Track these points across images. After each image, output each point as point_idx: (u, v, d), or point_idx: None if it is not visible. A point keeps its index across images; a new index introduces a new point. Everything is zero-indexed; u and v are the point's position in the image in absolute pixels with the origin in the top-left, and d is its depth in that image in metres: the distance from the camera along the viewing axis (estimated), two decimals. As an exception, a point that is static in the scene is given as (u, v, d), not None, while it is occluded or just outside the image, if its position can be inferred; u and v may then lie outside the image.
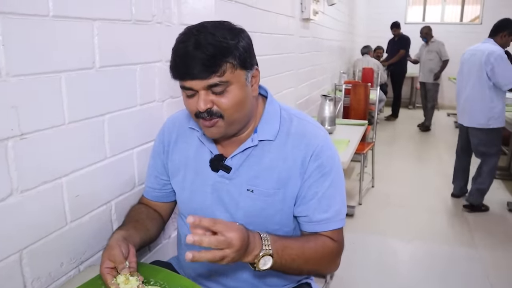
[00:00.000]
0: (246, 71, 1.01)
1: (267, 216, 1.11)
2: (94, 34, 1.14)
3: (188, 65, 0.94)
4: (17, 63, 0.92)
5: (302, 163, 1.09)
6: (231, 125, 1.03)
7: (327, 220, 1.10)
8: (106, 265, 0.99)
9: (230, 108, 0.99)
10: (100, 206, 1.25)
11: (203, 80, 0.95)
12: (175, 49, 0.98)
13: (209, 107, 0.98)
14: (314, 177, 1.09)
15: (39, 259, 1.05)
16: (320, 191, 1.09)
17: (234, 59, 0.96)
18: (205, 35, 0.94)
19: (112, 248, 1.01)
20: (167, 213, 1.32)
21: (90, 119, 1.16)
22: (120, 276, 0.97)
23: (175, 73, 0.98)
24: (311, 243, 1.07)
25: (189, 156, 1.18)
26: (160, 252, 1.57)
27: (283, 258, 0.99)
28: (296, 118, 1.15)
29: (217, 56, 0.94)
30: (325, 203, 1.09)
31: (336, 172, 1.12)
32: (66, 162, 1.10)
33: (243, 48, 0.98)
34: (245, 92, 1.02)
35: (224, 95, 0.98)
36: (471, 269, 2.77)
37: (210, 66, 0.93)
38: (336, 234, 1.12)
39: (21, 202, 0.97)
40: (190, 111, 1.03)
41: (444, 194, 4.10)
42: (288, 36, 3.04)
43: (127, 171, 1.35)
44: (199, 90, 0.97)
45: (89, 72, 1.14)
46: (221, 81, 0.96)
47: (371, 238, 3.18)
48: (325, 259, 1.10)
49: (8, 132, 0.92)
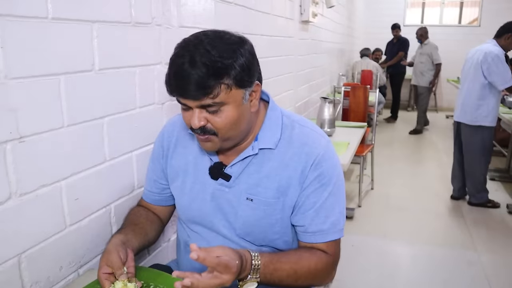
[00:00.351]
0: (244, 89, 0.98)
1: (267, 225, 1.09)
2: (94, 36, 1.13)
3: (182, 84, 0.92)
4: (16, 66, 0.92)
5: (302, 172, 1.07)
6: (225, 141, 1.02)
7: (323, 232, 1.08)
8: (104, 271, 0.98)
9: (224, 127, 0.98)
10: (100, 209, 1.24)
11: (195, 101, 0.93)
12: (171, 63, 0.96)
13: (203, 124, 0.97)
14: (313, 187, 1.07)
15: (38, 263, 1.04)
16: (318, 201, 1.07)
17: (229, 80, 0.93)
18: (201, 53, 0.91)
19: (110, 253, 1.00)
20: (166, 216, 1.31)
21: (89, 121, 1.15)
22: (118, 282, 0.96)
23: (169, 89, 0.96)
24: (304, 262, 1.06)
25: (188, 161, 1.17)
26: (159, 255, 1.56)
27: (271, 280, 1.01)
28: (298, 125, 1.12)
29: (210, 78, 0.90)
30: (323, 214, 1.08)
31: (336, 182, 1.09)
32: (65, 165, 1.09)
33: (240, 66, 0.93)
34: (241, 110, 0.99)
35: (218, 114, 0.96)
36: (471, 272, 2.76)
37: (203, 88, 0.91)
38: (332, 247, 1.10)
39: (20, 205, 0.97)
40: (186, 123, 1.02)
41: (443, 196, 4.10)
42: (288, 38, 3.04)
43: (126, 174, 1.34)
44: (193, 107, 0.95)
45: (89, 75, 1.13)
46: (215, 102, 0.93)
47: (370, 240, 3.18)
48: (318, 275, 1.08)
49: (7, 135, 0.92)
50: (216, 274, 0.89)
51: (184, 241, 1.22)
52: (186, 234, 1.21)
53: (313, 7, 3.50)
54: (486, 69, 3.41)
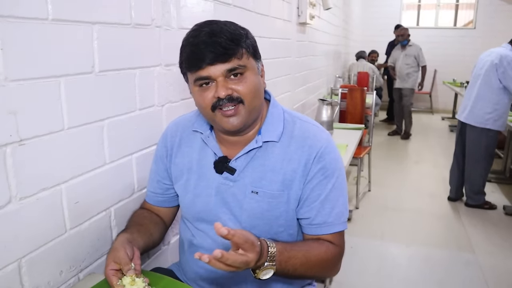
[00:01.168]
0: (256, 61, 1.07)
1: (272, 218, 1.10)
2: (94, 38, 1.12)
3: (207, 50, 0.96)
4: (16, 68, 0.90)
5: (305, 165, 1.08)
6: (251, 112, 1.04)
7: (329, 223, 1.10)
8: (111, 267, 0.98)
9: (249, 93, 1.01)
10: (100, 212, 1.22)
11: (223, 64, 0.97)
12: (187, 42, 1.01)
13: (229, 93, 0.99)
14: (317, 179, 1.08)
15: (38, 268, 1.02)
16: (323, 193, 1.08)
17: (247, 47, 1.02)
18: (218, 27, 0.99)
19: (117, 250, 1.00)
20: (169, 218, 1.31)
21: (89, 124, 1.14)
22: (125, 277, 0.96)
23: (192, 63, 0.99)
24: (315, 251, 1.07)
25: (192, 159, 1.17)
26: (160, 258, 1.55)
27: (286, 269, 1.00)
28: (299, 120, 1.15)
29: (234, 40, 0.98)
30: (328, 205, 1.09)
31: (339, 175, 1.11)
32: (65, 168, 1.08)
33: (251, 40, 1.05)
34: (259, 80, 1.06)
35: (242, 81, 1.00)
36: (469, 274, 2.76)
37: (230, 49, 0.97)
38: (338, 238, 1.12)
39: (20, 209, 0.95)
40: (205, 105, 1.02)
41: (440, 197, 4.11)
42: (286, 40, 3.04)
43: (126, 177, 1.33)
44: (217, 77, 0.98)
45: (89, 77, 1.12)
46: (240, 64, 0.99)
47: (368, 242, 3.17)
48: (328, 265, 1.10)
49: (7, 138, 0.90)
50: (241, 252, 0.88)
51: (188, 240, 1.21)
52: (191, 234, 1.20)
53: (310, 9, 3.51)
54: (501, 73, 3.37)
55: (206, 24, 1.02)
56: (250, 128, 1.10)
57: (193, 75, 1.01)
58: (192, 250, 1.20)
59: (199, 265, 1.18)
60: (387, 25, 7.94)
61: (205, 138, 1.15)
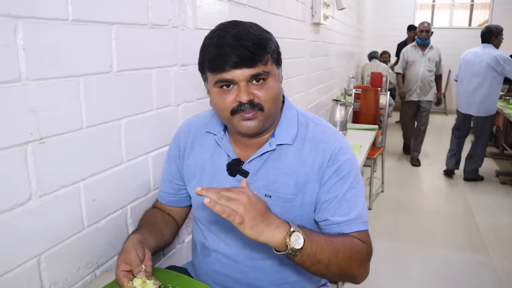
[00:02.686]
0: (278, 68, 1.05)
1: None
2: (112, 38, 1.14)
3: (233, 54, 0.94)
4: (37, 67, 0.92)
5: (320, 168, 1.07)
6: (267, 119, 1.03)
7: (349, 221, 1.05)
8: (122, 268, 0.98)
9: (269, 100, 1.00)
10: (116, 210, 1.24)
11: (248, 69, 0.96)
12: (212, 42, 0.98)
13: (251, 98, 0.98)
14: (332, 181, 1.06)
15: (57, 264, 1.04)
16: (339, 194, 1.06)
17: (272, 53, 1.00)
18: (244, 29, 0.97)
19: (128, 251, 1.00)
20: (181, 218, 1.31)
21: (107, 123, 1.16)
22: (136, 279, 0.96)
23: (216, 64, 0.97)
24: (339, 237, 1.02)
25: (205, 160, 1.17)
26: (174, 257, 1.56)
27: (313, 244, 0.92)
28: (313, 123, 1.13)
29: (261, 46, 0.97)
30: (345, 205, 1.06)
31: (355, 176, 1.09)
32: (84, 167, 1.10)
33: (274, 44, 1.03)
34: (279, 87, 1.05)
35: (263, 87, 0.99)
36: (483, 276, 2.74)
37: (257, 54, 0.96)
38: (363, 236, 1.06)
39: (40, 206, 0.97)
40: (225, 108, 1.00)
41: (454, 199, 4.07)
42: (299, 41, 3.04)
43: (142, 175, 1.34)
44: (240, 81, 0.97)
45: (107, 76, 1.14)
46: (264, 71, 0.98)
47: (382, 243, 3.15)
48: (356, 255, 1.01)
49: (28, 136, 0.92)
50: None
51: (201, 243, 1.21)
52: (203, 236, 1.20)
53: (324, 9, 3.50)
54: (501, 70, 4.13)
55: (232, 25, 0.99)
56: (265, 131, 1.09)
57: (215, 77, 0.99)
58: (205, 253, 1.20)
59: (211, 268, 1.18)
60: (400, 24, 7.87)
61: (219, 140, 1.14)
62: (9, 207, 0.90)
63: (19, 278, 0.94)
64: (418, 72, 4.96)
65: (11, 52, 0.86)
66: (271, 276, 1.13)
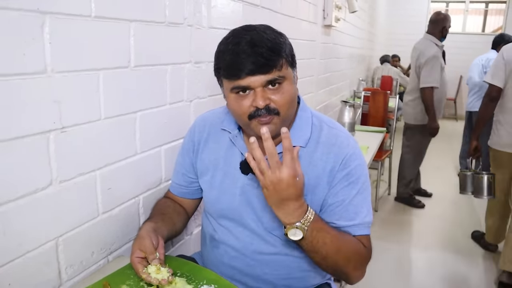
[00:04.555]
0: (293, 70, 1.07)
1: None
2: (131, 34, 1.19)
3: (248, 61, 0.96)
4: (61, 60, 0.98)
5: (331, 172, 1.09)
6: (284, 122, 1.05)
7: (353, 226, 1.09)
8: (137, 255, 1.03)
9: (285, 104, 1.02)
10: (129, 199, 1.30)
11: (263, 75, 0.97)
12: (226, 49, 1.00)
13: (267, 103, 1.00)
14: (341, 185, 1.09)
15: (73, 247, 1.10)
16: (347, 199, 1.09)
17: (286, 56, 1.01)
18: (258, 34, 0.99)
19: (143, 238, 1.05)
20: (192, 209, 1.36)
21: (123, 115, 1.21)
22: (151, 266, 1.01)
23: (231, 72, 0.99)
24: (347, 236, 1.07)
25: (219, 156, 1.20)
26: (182, 247, 1.61)
27: (315, 239, 0.99)
28: (326, 126, 1.16)
29: (275, 51, 0.98)
30: (351, 210, 1.09)
31: (364, 182, 1.11)
32: (100, 156, 1.15)
33: (289, 47, 1.04)
34: (294, 90, 1.06)
35: (279, 91, 1.01)
36: (486, 280, 2.76)
37: (271, 60, 0.97)
38: (365, 240, 1.11)
39: (59, 192, 1.03)
40: (242, 113, 1.02)
41: (460, 202, 4.08)
42: (310, 42, 3.08)
43: (155, 167, 1.40)
44: (256, 87, 0.99)
45: (125, 71, 1.19)
46: (280, 75, 0.99)
47: (386, 245, 3.18)
48: (355, 257, 1.07)
49: (51, 125, 0.98)
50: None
51: (210, 235, 1.25)
52: (212, 228, 1.25)
53: (336, 12, 3.53)
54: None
55: (246, 30, 1.01)
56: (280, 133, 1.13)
57: (231, 83, 1.01)
58: (213, 244, 1.25)
59: (219, 259, 1.23)
60: (413, 29, 7.88)
61: (233, 138, 1.17)
62: (31, 191, 0.95)
63: (38, 259, 1.00)
64: (447, 82, 3.90)
65: (38, 45, 0.92)
66: (277, 271, 1.17)
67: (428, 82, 3.55)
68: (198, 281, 1.08)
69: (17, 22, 0.86)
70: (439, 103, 3.72)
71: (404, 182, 4.03)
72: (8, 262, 0.92)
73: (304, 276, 1.20)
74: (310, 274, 1.21)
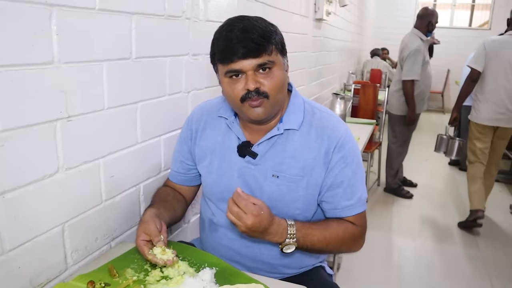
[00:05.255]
0: (283, 57, 1.15)
1: (290, 201, 1.18)
2: (132, 27, 1.23)
3: (240, 46, 1.04)
4: (67, 51, 1.01)
5: (326, 154, 1.17)
6: (274, 106, 1.12)
7: (351, 206, 1.19)
8: (142, 238, 1.07)
9: (275, 88, 1.09)
10: (131, 187, 1.34)
11: (254, 59, 1.05)
12: (221, 36, 1.08)
13: (258, 86, 1.08)
14: (339, 167, 1.17)
15: (78, 233, 1.14)
16: (345, 180, 1.18)
17: (276, 44, 1.10)
18: (250, 23, 1.07)
19: (148, 222, 1.10)
20: (190, 196, 1.41)
21: (125, 106, 1.25)
22: (156, 248, 1.06)
23: (224, 56, 1.07)
24: (333, 229, 1.17)
25: (216, 142, 1.26)
26: (180, 235, 1.66)
27: (304, 244, 1.13)
28: (318, 111, 1.23)
29: (265, 37, 1.06)
30: (349, 190, 1.18)
31: (357, 162, 1.21)
32: (104, 145, 1.19)
33: (279, 36, 1.13)
34: (284, 76, 1.14)
35: (269, 76, 1.09)
36: (473, 267, 2.86)
37: (262, 45, 1.05)
38: (359, 219, 1.22)
39: (65, 178, 1.06)
40: (235, 96, 1.10)
41: (448, 194, 4.18)
42: (302, 35, 3.13)
43: (155, 156, 1.44)
44: (248, 71, 1.06)
45: (126, 62, 1.23)
46: (269, 60, 1.07)
47: (376, 234, 3.26)
48: (346, 242, 1.20)
49: (57, 114, 1.01)
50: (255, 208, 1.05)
51: (209, 220, 1.31)
52: (211, 213, 1.30)
53: (327, 6, 3.58)
54: None
55: (239, 19, 1.09)
56: (273, 117, 1.19)
57: (225, 67, 1.08)
58: (212, 228, 1.30)
59: (218, 242, 1.29)
60: (401, 23, 7.96)
61: (230, 124, 1.23)
62: (39, 177, 0.99)
63: (46, 243, 1.03)
64: (431, 75, 3.99)
65: (46, 37, 0.95)
66: (273, 251, 1.23)
67: (409, 75, 3.72)
68: (200, 265, 1.12)
69: (27, 14, 0.90)
70: (422, 95, 3.89)
71: (392, 173, 4.13)
72: (19, 246, 0.96)
73: (299, 256, 1.27)
74: (304, 255, 1.28)
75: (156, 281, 1.05)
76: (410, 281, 2.67)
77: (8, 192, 0.91)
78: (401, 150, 4.15)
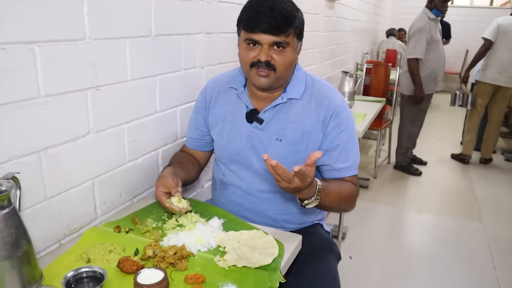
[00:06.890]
0: (298, 41, 1.29)
1: (291, 162, 1.29)
2: (152, 8, 1.38)
3: (264, 21, 1.18)
4: (96, 29, 1.17)
5: (323, 120, 1.32)
6: (278, 79, 1.27)
7: (347, 168, 1.35)
8: (161, 190, 1.24)
9: (283, 65, 1.24)
10: (150, 151, 1.51)
11: (272, 36, 1.19)
12: (251, 6, 1.22)
13: (269, 59, 1.22)
14: (335, 132, 1.32)
15: (106, 188, 1.32)
16: (341, 144, 1.33)
17: (295, 28, 1.23)
18: (279, 3, 1.19)
19: (166, 177, 1.27)
20: (204, 160, 1.57)
21: (146, 78, 1.41)
22: (173, 197, 1.23)
23: (248, 25, 1.21)
24: (345, 187, 1.31)
25: (227, 110, 1.42)
26: (195, 197, 1.83)
27: (324, 202, 1.22)
28: (318, 83, 1.38)
29: (288, 20, 1.20)
30: (344, 154, 1.34)
31: (352, 129, 1.36)
32: (127, 112, 1.36)
33: (300, 22, 1.26)
34: (294, 57, 1.29)
35: (281, 54, 1.23)
36: (474, 239, 2.99)
37: (282, 25, 1.19)
38: (355, 180, 1.37)
39: (95, 140, 1.24)
40: (246, 61, 1.25)
41: (457, 172, 4.27)
42: (314, 15, 3.23)
43: (172, 125, 1.61)
44: (264, 44, 1.21)
45: (147, 39, 1.39)
46: (285, 41, 1.21)
47: (382, 207, 3.41)
48: (350, 201, 1.35)
49: (88, 83, 1.18)
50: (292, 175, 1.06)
51: (220, 180, 1.48)
52: (222, 174, 1.47)
53: (340, -14, 3.66)
54: None
55: None
56: (278, 88, 1.34)
57: (246, 35, 1.23)
58: (223, 187, 1.47)
59: (227, 199, 1.46)
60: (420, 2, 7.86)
61: (240, 94, 1.39)
62: (74, 137, 1.17)
63: (79, 194, 1.22)
64: (443, 54, 3.99)
65: (79, 17, 1.11)
66: (276, 206, 1.40)
67: (412, 53, 3.79)
68: (210, 216, 1.29)
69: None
70: (433, 75, 3.92)
71: (402, 151, 4.23)
72: (58, 194, 1.14)
73: (299, 213, 1.43)
74: (304, 211, 1.44)
75: (172, 228, 1.22)
76: (412, 251, 2.82)
77: (49, 148, 1.09)
78: (411, 130, 4.21)
